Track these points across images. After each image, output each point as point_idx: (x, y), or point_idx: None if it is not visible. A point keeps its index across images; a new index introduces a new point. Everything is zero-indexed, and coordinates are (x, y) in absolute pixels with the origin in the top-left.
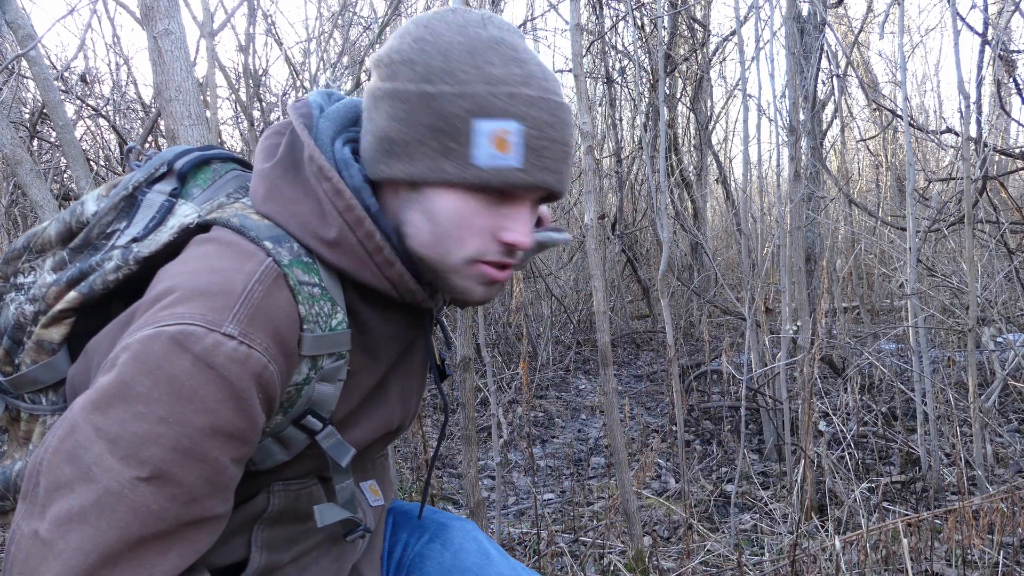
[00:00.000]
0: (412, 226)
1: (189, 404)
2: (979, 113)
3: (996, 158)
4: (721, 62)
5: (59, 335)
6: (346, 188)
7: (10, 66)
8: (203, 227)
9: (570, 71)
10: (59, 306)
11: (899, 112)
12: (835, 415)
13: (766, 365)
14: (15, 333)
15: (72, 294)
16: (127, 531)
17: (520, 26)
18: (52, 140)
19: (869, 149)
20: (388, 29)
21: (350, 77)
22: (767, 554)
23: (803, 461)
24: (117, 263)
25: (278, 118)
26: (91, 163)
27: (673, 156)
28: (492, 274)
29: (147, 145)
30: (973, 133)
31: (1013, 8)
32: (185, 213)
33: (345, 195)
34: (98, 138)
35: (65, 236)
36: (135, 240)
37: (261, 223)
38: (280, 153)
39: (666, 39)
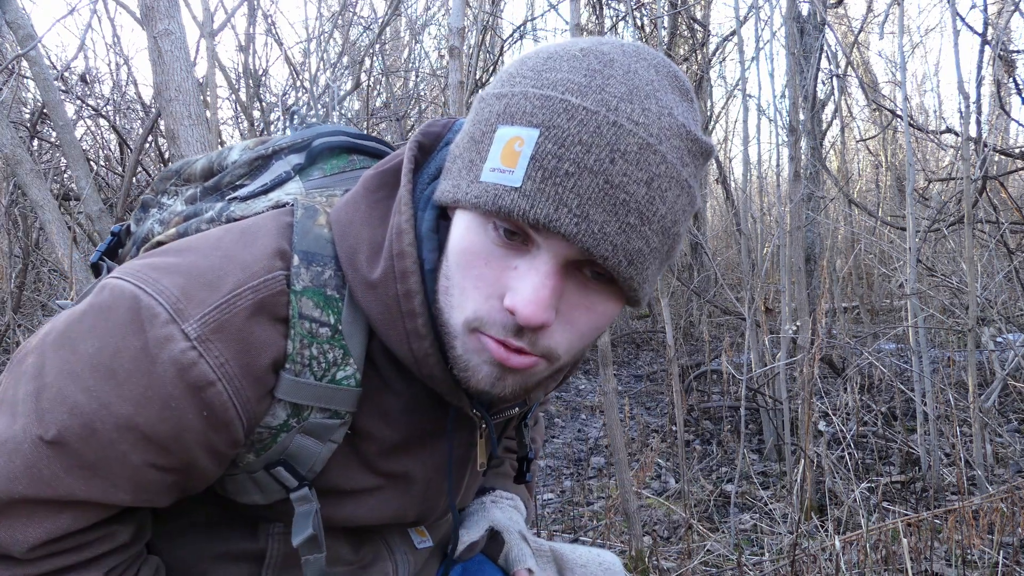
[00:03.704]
0: (440, 267)
1: (117, 388)
2: (979, 113)
3: (996, 158)
4: (721, 62)
5: None
6: (410, 231)
7: (10, 66)
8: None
9: None
10: (159, 237)
11: (899, 112)
12: (835, 415)
13: (766, 365)
14: (142, 245)
15: (172, 230)
16: (11, 485)
17: (520, 26)
18: (52, 140)
19: (869, 149)
20: (388, 29)
21: (350, 77)
22: (767, 554)
23: (803, 461)
24: (213, 215)
25: (278, 118)
26: (91, 163)
27: None
28: (498, 353)
29: (147, 146)
30: (973, 133)
31: (1013, 8)
32: (289, 191)
33: (405, 238)
34: (98, 138)
35: (206, 173)
36: (237, 199)
37: (315, 230)
38: (393, 163)
39: (666, 39)
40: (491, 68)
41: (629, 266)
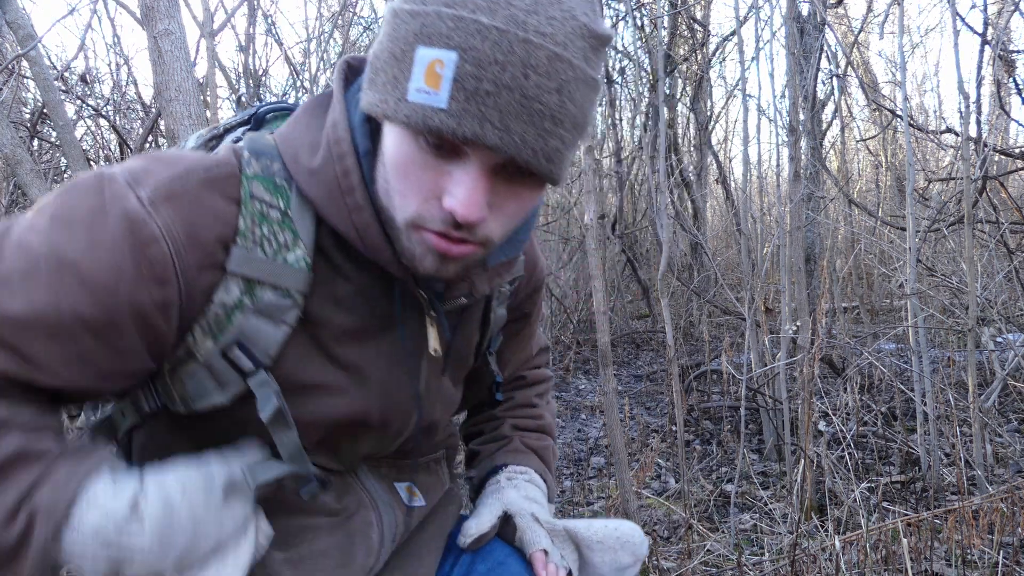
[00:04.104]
0: (377, 170)
1: (69, 233)
2: (979, 113)
3: (996, 158)
4: (721, 62)
5: None
6: (344, 120)
7: (10, 66)
8: None
9: None
10: None
11: (899, 112)
12: (835, 415)
13: (766, 365)
14: None
15: None
16: None
17: None
18: (52, 140)
19: (869, 149)
20: None
21: None
22: (767, 554)
23: (803, 461)
24: None
25: None
26: (91, 163)
27: (673, 156)
28: (436, 243)
29: (147, 146)
30: (973, 133)
31: (1013, 8)
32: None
33: (339, 127)
34: (98, 138)
35: None
36: None
37: (262, 140)
38: (328, 90)
39: (666, 39)
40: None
41: (548, 163)
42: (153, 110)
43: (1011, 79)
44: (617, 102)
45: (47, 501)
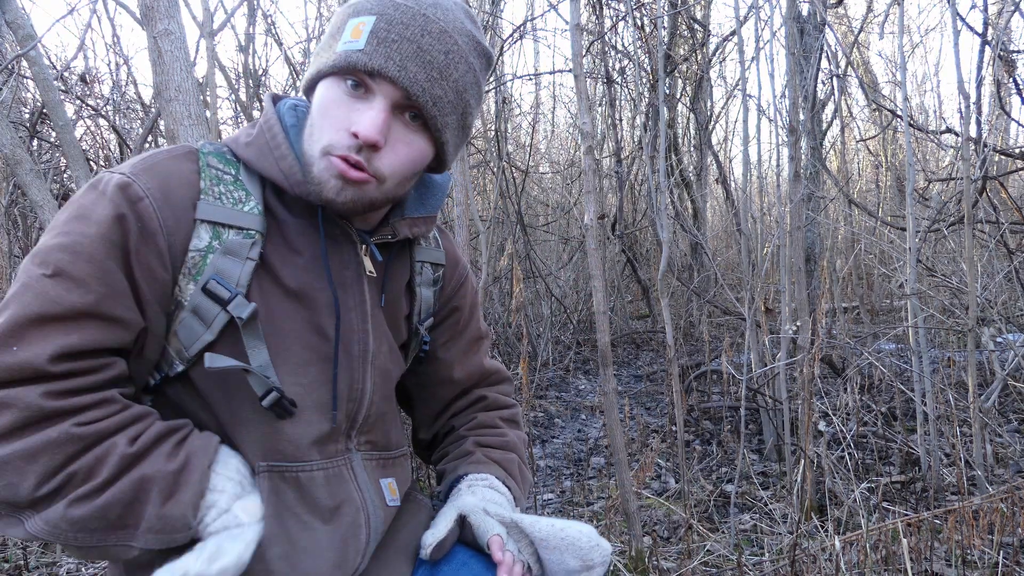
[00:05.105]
0: (305, 124)
1: (84, 220)
2: (979, 113)
3: (996, 158)
4: (721, 62)
5: None
6: (272, 109)
7: (10, 66)
8: None
9: (570, 71)
10: None
11: (899, 112)
12: (835, 415)
13: (766, 365)
14: None
15: None
16: (29, 309)
17: (520, 26)
18: (52, 140)
19: (869, 149)
20: None
21: None
22: (767, 554)
23: (803, 461)
24: None
25: None
26: (91, 163)
27: (673, 156)
28: (340, 166)
29: (147, 146)
30: (973, 133)
31: (1013, 8)
32: None
33: (268, 112)
34: (98, 138)
35: None
36: None
37: (215, 142)
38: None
39: (666, 39)
40: (492, 68)
41: (434, 107)
42: (153, 110)
43: (1011, 79)
44: (617, 102)
45: (200, 444)
